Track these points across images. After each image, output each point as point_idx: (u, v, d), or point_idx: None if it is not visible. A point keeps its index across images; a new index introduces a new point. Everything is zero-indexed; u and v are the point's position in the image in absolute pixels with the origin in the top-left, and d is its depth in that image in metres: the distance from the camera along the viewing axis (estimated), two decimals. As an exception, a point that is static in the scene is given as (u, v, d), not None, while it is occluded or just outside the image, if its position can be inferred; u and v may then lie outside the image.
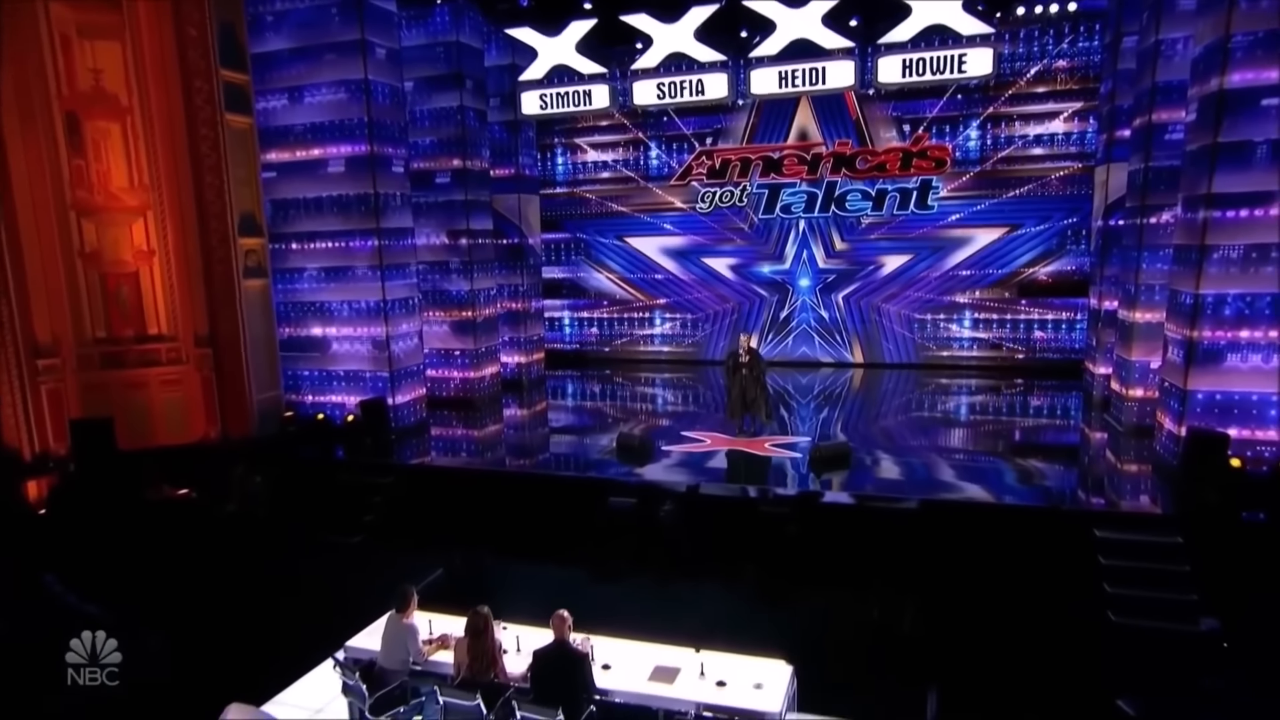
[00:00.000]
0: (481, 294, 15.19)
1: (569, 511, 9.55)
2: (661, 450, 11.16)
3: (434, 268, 14.85)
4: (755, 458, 10.86)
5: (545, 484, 10.37)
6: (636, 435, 11.46)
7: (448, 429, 13.55)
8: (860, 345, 17.59)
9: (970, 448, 11.93)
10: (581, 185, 18.86)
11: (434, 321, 14.98)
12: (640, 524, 8.90)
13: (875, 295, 17.32)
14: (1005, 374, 16.24)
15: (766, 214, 17.63)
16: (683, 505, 9.04)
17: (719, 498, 9.28)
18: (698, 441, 11.69)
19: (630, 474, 10.28)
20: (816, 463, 10.35)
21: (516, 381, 16.72)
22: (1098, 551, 8.11)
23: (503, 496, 10.15)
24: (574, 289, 19.43)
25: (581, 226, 19.04)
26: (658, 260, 18.60)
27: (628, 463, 10.74)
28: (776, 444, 11.39)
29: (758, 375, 11.52)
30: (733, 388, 11.62)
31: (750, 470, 10.44)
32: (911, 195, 16.68)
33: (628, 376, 17.69)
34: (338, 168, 12.61)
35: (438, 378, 15.11)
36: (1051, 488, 9.97)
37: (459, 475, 10.97)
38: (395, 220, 13.05)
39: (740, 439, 11.61)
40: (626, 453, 11.09)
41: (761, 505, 8.94)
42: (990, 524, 8.63)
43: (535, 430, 13.75)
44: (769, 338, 17.99)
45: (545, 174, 18.92)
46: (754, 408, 11.60)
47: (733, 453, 11.11)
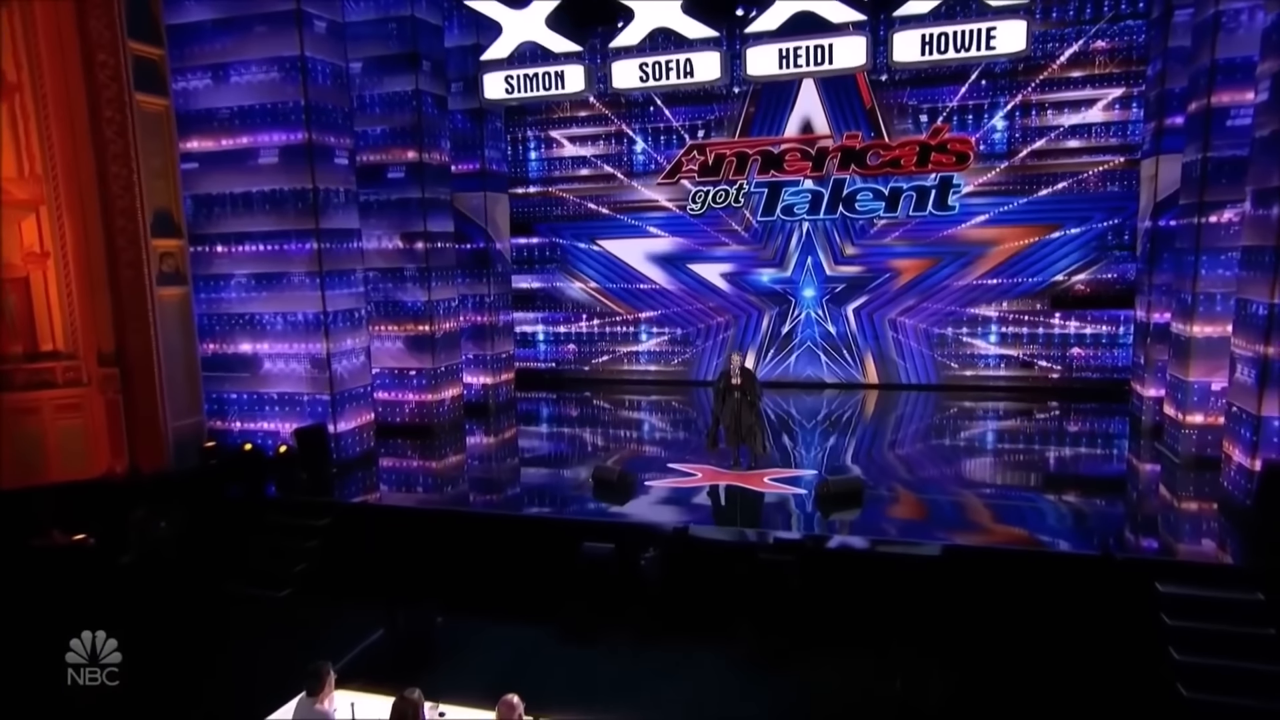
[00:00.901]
0: (441, 305, 14.92)
1: (535, 559, 9.40)
2: (644, 486, 11.01)
3: (386, 275, 14.56)
4: (753, 495, 10.67)
5: (508, 526, 10.14)
6: (615, 469, 11.16)
7: (400, 460, 13.39)
8: (873, 364, 17.57)
9: (1001, 482, 11.79)
10: (557, 183, 18.80)
11: (385, 336, 14.71)
12: (618, 574, 8.77)
13: (889, 307, 17.31)
14: (1038, 396, 16.18)
15: (766, 216, 17.56)
16: (668, 551, 8.87)
17: (710, 542, 9.06)
18: (687, 476, 11.55)
19: (608, 514, 10.15)
20: (824, 500, 10.18)
21: (482, 405, 16.53)
22: (1161, 610, 7.74)
23: (458, 540, 9.92)
24: (548, 301, 19.37)
25: (557, 230, 19.00)
26: (643, 268, 18.58)
27: (605, 501, 10.60)
28: (777, 478, 11.23)
29: (752, 400, 11.30)
30: (723, 414, 11.40)
31: (747, 510, 10.29)
32: (930, 195, 16.60)
33: (610, 399, 17.68)
34: (270, 158, 12.30)
35: (389, 401, 14.85)
36: (1098, 530, 9.61)
37: (407, 515, 10.67)
38: (338, 220, 12.79)
39: (735, 473, 11.41)
40: (604, 489, 10.89)
41: (760, 551, 8.66)
42: (1030, 574, 8.31)
43: (502, 462, 13.63)
44: (769, 355, 17.99)
45: (515, 170, 18.87)
46: (748, 437, 11.37)
47: (727, 489, 10.95)
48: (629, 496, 10.65)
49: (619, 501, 10.52)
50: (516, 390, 17.85)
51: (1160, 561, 8.34)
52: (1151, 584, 7.94)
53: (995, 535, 9.41)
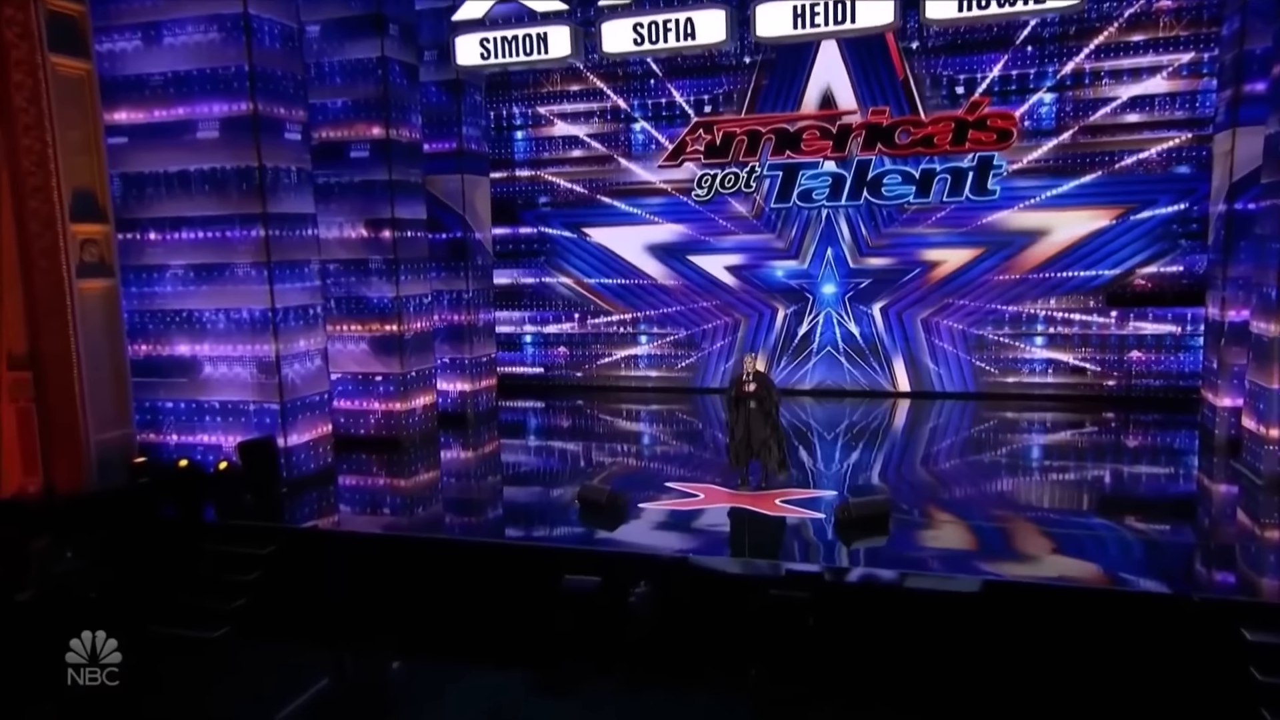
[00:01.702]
0: (411, 302, 14.78)
1: (508, 593, 9.30)
2: (638, 508, 10.88)
3: (348, 268, 14.51)
4: (763, 519, 10.49)
5: (478, 555, 9.95)
6: (603, 488, 11.11)
7: (363, 478, 13.38)
8: (902, 370, 17.57)
9: (1049, 505, 11.64)
10: (546, 166, 18.82)
11: (347, 337, 14.61)
12: (604, 612, 8.63)
13: (921, 306, 17.30)
14: (1091, 407, 16.19)
15: (780, 202, 17.53)
16: (662, 585, 8.72)
17: (712, 575, 8.94)
18: (687, 496, 11.42)
19: (595, 541, 10.09)
20: (845, 526, 10.01)
21: (459, 415, 16.47)
22: (1250, 662, 7.43)
23: (422, 571, 9.80)
24: (536, 298, 19.35)
25: (545, 218, 18.99)
26: (642, 262, 18.55)
27: (592, 525, 10.53)
28: (791, 500, 11.03)
29: (768, 409, 11.15)
30: (735, 426, 11.31)
31: (756, 537, 10.15)
32: (967, 177, 16.49)
33: (605, 409, 17.83)
34: (210, 132, 12.09)
35: (351, 411, 14.73)
36: (1168, 564, 9.31)
37: (363, 542, 10.56)
38: (290, 203, 12.60)
39: (744, 494, 11.25)
40: (590, 512, 10.78)
41: (770, 585, 8.47)
42: (1088, 617, 8.04)
43: (481, 480, 13.65)
44: (783, 360, 18.02)
45: (498, 151, 18.86)
46: (763, 453, 11.21)
47: (733, 512, 10.79)
48: (619, 520, 10.54)
49: (608, 526, 10.43)
50: (499, 399, 17.80)
51: (1246, 603, 8.03)
52: (1236, 630, 7.64)
53: (1044, 568, 9.18)
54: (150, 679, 8.72)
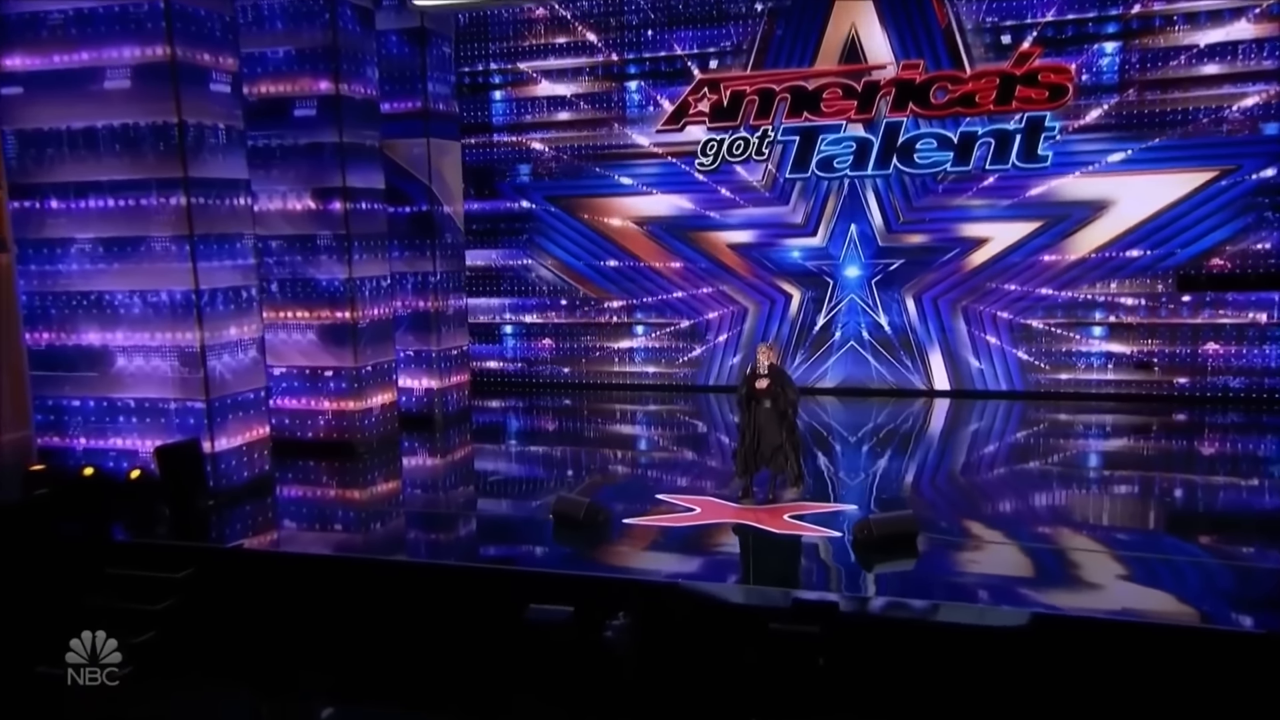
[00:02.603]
0: (366, 285, 14.54)
1: (462, 627, 9.15)
2: (623, 524, 10.77)
3: (292, 245, 14.23)
4: (769, 538, 10.31)
5: (428, 581, 9.72)
6: (582, 501, 10.88)
7: (309, 489, 13.42)
8: (937, 365, 17.56)
9: (1110, 523, 11.48)
10: (527, 131, 18.77)
11: (291, 325, 14.43)
12: (576, 648, 8.42)
13: (959, 291, 17.15)
14: (1159, 408, 16.13)
15: (797, 171, 17.40)
16: (645, 617, 8.50)
17: (706, 604, 8.74)
18: (682, 511, 11.28)
19: (568, 563, 10.06)
20: (864, 546, 9.79)
21: (425, 417, 16.42)
22: None
23: (361, 600, 9.59)
24: (516, 282, 19.33)
25: (527, 191, 18.94)
26: (638, 241, 18.52)
27: (567, 545, 10.51)
28: (802, 516, 10.86)
29: (784, 410, 10.93)
30: (746, 430, 11.14)
31: (760, 558, 10.01)
32: (1014, 141, 16.33)
33: (595, 410, 18.04)
34: (120, 81, 11.67)
35: (296, 411, 14.60)
36: (1257, 596, 8.90)
37: (295, 565, 10.25)
38: (217, 167, 12.22)
39: (748, 508, 11.09)
40: (567, 529, 10.63)
41: (773, 618, 8.22)
42: (1156, 657, 7.81)
43: (446, 491, 13.67)
44: (799, 355, 18.00)
45: (473, 113, 18.82)
46: (775, 461, 11.03)
47: (735, 530, 10.65)
48: (600, 539, 10.46)
49: (585, 546, 10.37)
50: (472, 397, 17.86)
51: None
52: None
53: (1105, 599, 8.91)
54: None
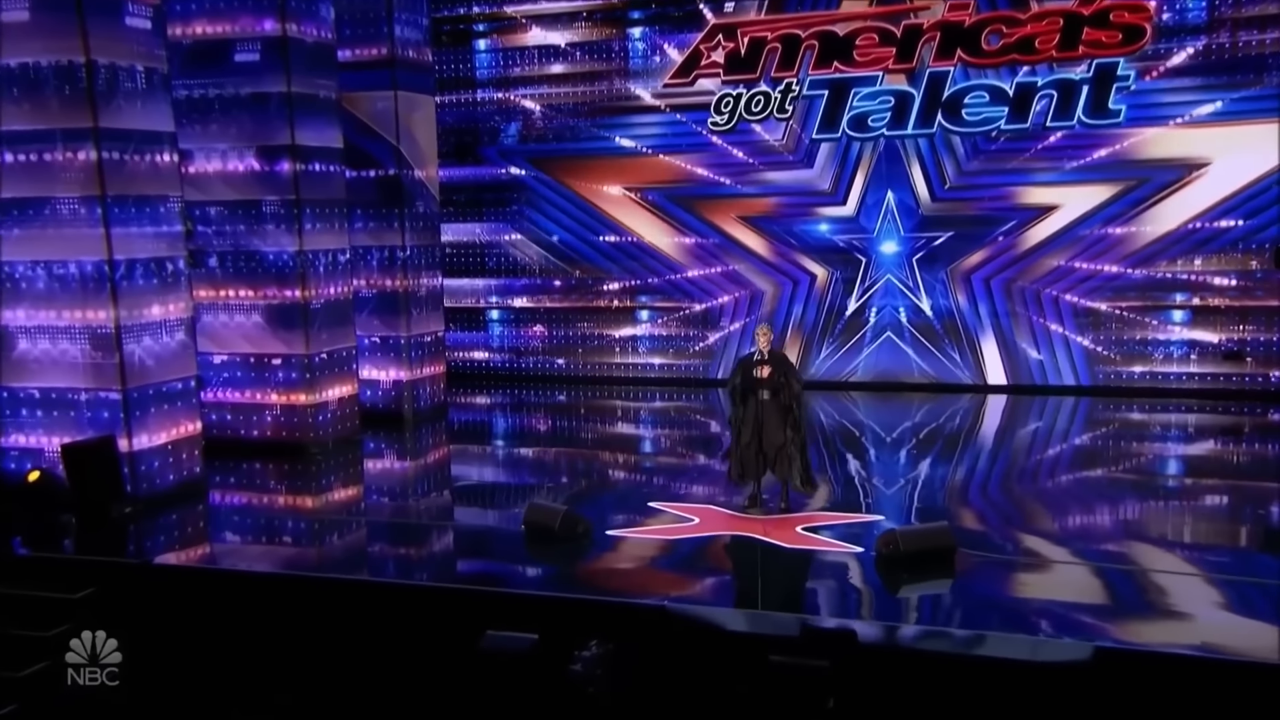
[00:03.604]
0: (321, 259, 14.38)
1: (410, 657, 9.03)
2: (607, 536, 10.65)
3: (234, 212, 14.04)
4: (777, 554, 10.10)
5: (372, 601, 9.58)
6: (557, 509, 10.77)
7: (249, 495, 13.29)
8: (990, 356, 17.44)
9: (1191, 540, 11.23)
10: (516, 86, 18.81)
11: (232, 305, 14.28)
12: (540, 683, 8.23)
13: (1016, 270, 17.03)
14: (1250, 405, 16.06)
15: (826, 131, 17.26)
16: (624, 647, 8.27)
17: (698, 631, 8.57)
18: (678, 521, 11.17)
19: (535, 583, 10.04)
20: (891, 563, 9.58)
21: (392, 414, 16.32)
22: None
23: (292, 626, 9.46)
24: (503, 261, 19.41)
25: (514, 156, 18.93)
26: (642, 214, 18.49)
27: (538, 561, 10.43)
28: (817, 528, 10.70)
29: (788, 403, 10.76)
30: (742, 426, 10.96)
31: (764, 577, 9.74)
32: (1080, 93, 16.09)
33: (592, 406, 18.27)
34: (17, 13, 11.32)
35: (238, 405, 14.45)
36: None
37: (218, 582, 10.11)
38: (136, 116, 11.83)
39: (755, 517, 10.98)
40: (540, 541, 10.52)
41: (776, 649, 7.99)
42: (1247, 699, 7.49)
43: (412, 499, 13.64)
44: (825, 346, 18.00)
45: (451, 65, 18.81)
46: (780, 463, 10.83)
47: (737, 544, 10.52)
48: (579, 553, 10.30)
49: (559, 561, 10.23)
50: (450, 391, 17.81)
51: None
52: None
53: (1184, 631, 8.60)
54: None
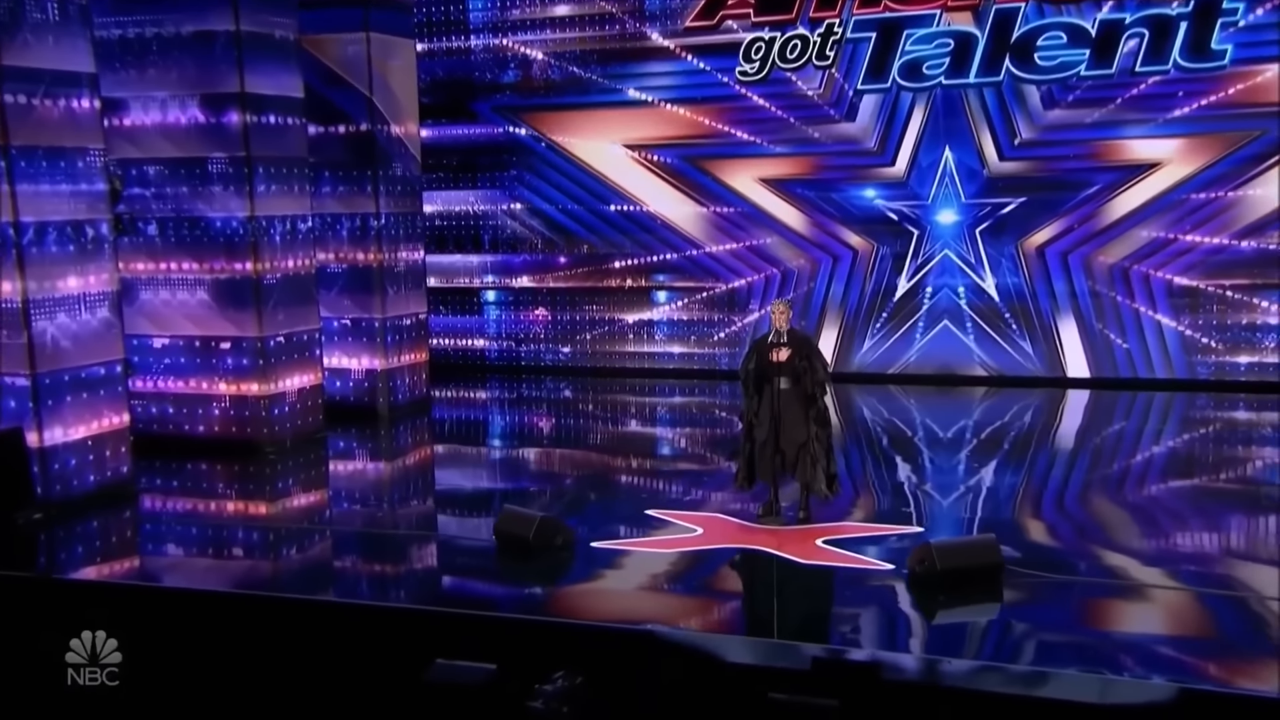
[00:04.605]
0: (277, 227, 14.25)
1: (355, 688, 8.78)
2: (592, 549, 10.47)
3: (174, 171, 13.88)
4: (789, 571, 9.86)
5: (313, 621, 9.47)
6: (533, 516, 10.58)
7: (187, 500, 13.12)
8: (1069, 345, 17.06)
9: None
10: (514, 32, 18.72)
11: (176, 280, 14.11)
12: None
13: (1099, 243, 16.65)
14: None
15: (873, 80, 16.96)
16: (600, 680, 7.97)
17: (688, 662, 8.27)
18: (678, 531, 11.00)
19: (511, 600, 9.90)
20: (925, 583, 9.26)
21: (364, 409, 16.24)
22: None
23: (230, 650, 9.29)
24: (500, 235, 19.39)
25: (512, 113, 18.93)
26: (658, 180, 18.34)
27: (510, 576, 10.33)
28: (840, 541, 10.43)
29: (811, 391, 10.51)
30: (756, 421, 10.71)
31: (773, 599, 9.58)
32: (1176, 31, 15.70)
33: (602, 401, 18.49)
34: None
35: (179, 395, 14.28)
36: None
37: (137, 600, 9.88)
38: (44, 54, 11.59)
39: (769, 527, 10.78)
40: (513, 551, 10.38)
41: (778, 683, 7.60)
42: None
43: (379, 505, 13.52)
44: (870, 334, 17.78)
45: (438, 7, 18.88)
46: (801, 464, 10.56)
47: (745, 559, 10.34)
48: (559, 569, 10.17)
49: (535, 577, 10.08)
50: (435, 383, 17.81)
51: None
52: None
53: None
54: None
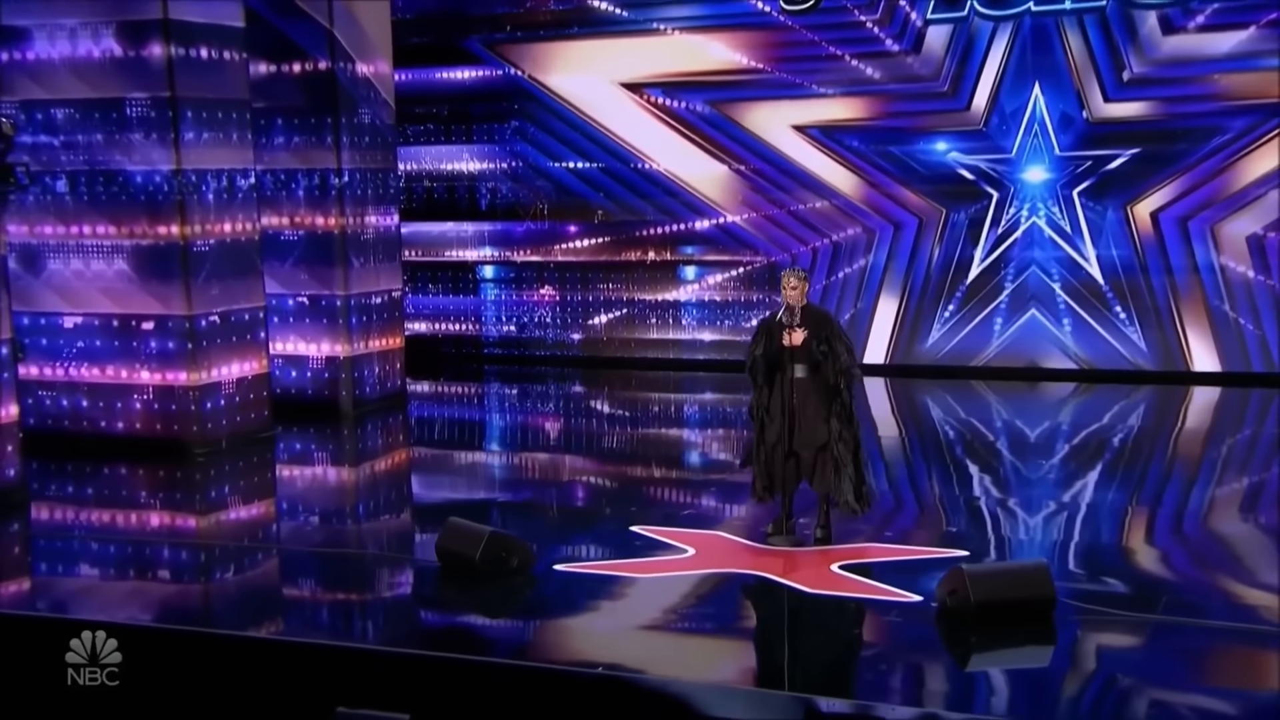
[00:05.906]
0: (210, 183, 14.16)
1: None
2: (554, 572, 10.34)
3: (85, 115, 14.03)
4: (794, 603, 9.60)
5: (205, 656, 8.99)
6: (481, 531, 10.33)
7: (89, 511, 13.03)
8: (1196, 333, 16.76)
9: None
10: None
11: (89, 247, 14.24)
12: None
13: (1228, 207, 16.37)
14: None
15: (944, 8, 16.92)
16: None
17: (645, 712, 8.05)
18: (667, 551, 10.76)
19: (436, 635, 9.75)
20: (957, 618, 8.93)
21: (324, 404, 16.23)
22: None
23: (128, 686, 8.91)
24: (498, 199, 19.63)
25: (511, 54, 18.99)
26: (685, 131, 18.41)
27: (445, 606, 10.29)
28: (860, 566, 10.14)
29: (833, 379, 10.32)
30: (766, 417, 10.57)
31: (774, 637, 9.45)
32: None
33: (618, 399, 18.65)
34: None
35: (94, 385, 14.40)
36: None
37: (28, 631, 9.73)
38: None
39: (777, 548, 10.62)
40: (458, 573, 10.29)
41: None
42: None
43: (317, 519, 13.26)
44: (940, 318, 17.64)
45: None
46: (819, 471, 10.44)
47: (743, 588, 10.17)
48: (510, 596, 10.02)
49: (477, 606, 9.93)
50: (410, 375, 17.80)
51: None
52: None
53: None
54: None
